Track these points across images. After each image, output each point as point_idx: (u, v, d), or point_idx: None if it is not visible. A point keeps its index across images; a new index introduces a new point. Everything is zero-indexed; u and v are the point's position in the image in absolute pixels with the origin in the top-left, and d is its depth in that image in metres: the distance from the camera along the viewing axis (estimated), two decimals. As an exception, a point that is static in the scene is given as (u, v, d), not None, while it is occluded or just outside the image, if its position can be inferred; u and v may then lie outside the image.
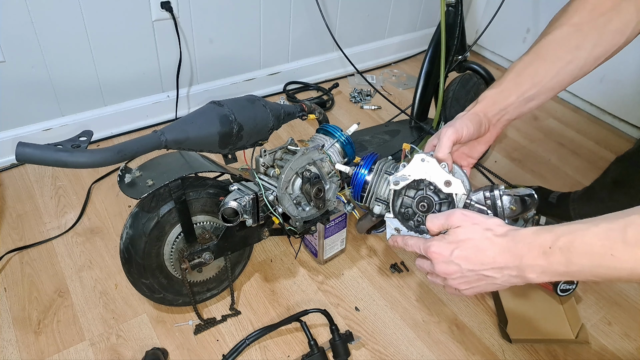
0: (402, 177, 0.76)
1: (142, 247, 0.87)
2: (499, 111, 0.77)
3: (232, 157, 0.92)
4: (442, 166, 0.74)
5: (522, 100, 0.76)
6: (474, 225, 0.66)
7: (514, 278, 0.62)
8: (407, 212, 0.79)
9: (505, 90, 0.77)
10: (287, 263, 1.15)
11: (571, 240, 0.55)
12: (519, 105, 0.77)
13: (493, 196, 0.74)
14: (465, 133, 0.74)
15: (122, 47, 1.36)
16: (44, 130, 1.37)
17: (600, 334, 1.04)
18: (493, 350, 1.00)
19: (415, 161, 0.75)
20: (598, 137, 1.66)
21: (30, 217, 1.21)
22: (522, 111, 0.78)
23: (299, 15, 1.65)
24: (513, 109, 0.77)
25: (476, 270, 0.65)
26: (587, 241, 0.54)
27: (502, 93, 0.77)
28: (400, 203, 0.79)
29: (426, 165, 0.75)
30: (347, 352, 0.95)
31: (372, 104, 1.75)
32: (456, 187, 0.75)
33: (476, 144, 0.81)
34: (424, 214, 0.78)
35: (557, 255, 0.56)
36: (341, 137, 1.00)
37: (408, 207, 0.79)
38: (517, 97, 0.76)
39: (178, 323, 1.00)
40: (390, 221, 0.78)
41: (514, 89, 0.76)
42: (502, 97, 0.77)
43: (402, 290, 1.10)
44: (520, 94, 0.76)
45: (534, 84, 0.75)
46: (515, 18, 1.92)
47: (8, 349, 0.94)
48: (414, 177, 0.76)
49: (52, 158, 0.66)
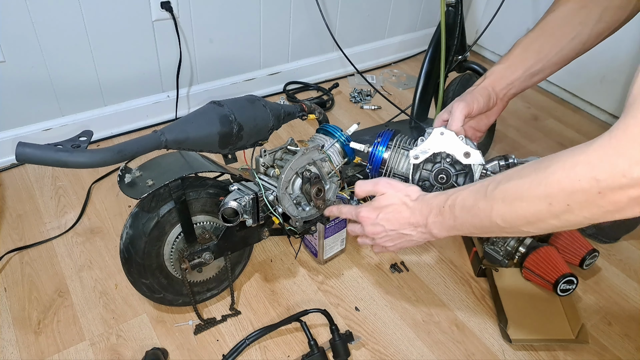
0: (422, 151, 0.80)
1: (142, 247, 0.87)
2: (506, 85, 0.82)
3: (232, 157, 0.92)
4: (459, 138, 0.77)
5: (527, 75, 0.81)
6: (396, 192, 0.76)
7: (425, 234, 0.73)
8: (424, 185, 0.83)
9: (512, 66, 0.82)
10: (287, 263, 1.15)
11: (454, 199, 0.66)
12: (524, 79, 0.82)
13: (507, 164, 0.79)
14: (475, 107, 0.79)
15: (122, 47, 1.36)
16: (44, 130, 1.37)
17: (600, 334, 1.04)
18: (493, 350, 1.00)
19: (435, 135, 0.80)
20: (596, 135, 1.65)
21: (30, 217, 1.21)
22: (527, 85, 0.83)
23: (299, 15, 1.65)
24: (519, 83, 0.82)
25: (396, 230, 0.75)
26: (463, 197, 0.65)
27: (509, 68, 0.82)
28: (418, 177, 0.82)
29: (445, 138, 0.79)
30: (347, 352, 0.95)
31: (372, 104, 1.75)
32: (475, 157, 0.79)
33: (483, 117, 0.86)
34: (441, 185, 0.81)
35: (447, 212, 0.67)
36: (341, 137, 1.00)
37: (426, 179, 0.83)
38: (523, 72, 0.81)
39: (178, 323, 1.00)
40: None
41: (520, 64, 0.81)
42: (510, 72, 0.82)
43: (402, 290, 1.10)
44: (526, 68, 0.81)
45: (539, 59, 0.80)
46: (515, 18, 1.91)
47: (8, 349, 0.94)
48: (434, 150, 0.80)
49: (52, 158, 0.66)
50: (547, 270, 1.05)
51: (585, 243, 1.12)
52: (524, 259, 1.09)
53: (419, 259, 1.18)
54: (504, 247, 1.08)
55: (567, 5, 0.79)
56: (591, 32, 0.77)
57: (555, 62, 0.80)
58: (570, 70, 1.77)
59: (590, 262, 1.12)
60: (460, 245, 1.23)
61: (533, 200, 0.54)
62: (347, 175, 1.08)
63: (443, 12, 1.19)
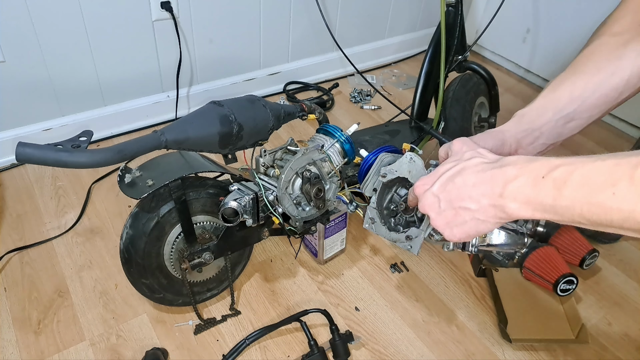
0: (390, 171, 0.79)
1: (142, 247, 0.87)
2: (532, 131, 0.67)
3: (232, 157, 0.92)
4: (428, 171, 0.73)
5: (559, 119, 0.66)
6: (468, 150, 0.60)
7: (494, 209, 0.54)
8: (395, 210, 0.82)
9: (540, 108, 0.67)
10: (287, 263, 1.15)
11: (570, 171, 0.47)
12: (556, 125, 0.67)
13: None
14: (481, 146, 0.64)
15: (122, 47, 1.36)
16: (44, 130, 1.37)
17: (600, 334, 1.04)
18: (493, 350, 1.00)
19: (405, 159, 0.77)
20: (598, 137, 1.66)
21: (30, 217, 1.21)
22: (560, 133, 0.68)
23: (299, 15, 1.65)
24: (549, 129, 0.67)
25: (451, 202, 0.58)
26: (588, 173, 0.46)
27: (535, 111, 0.68)
28: (389, 198, 0.81)
29: (412, 165, 0.76)
30: (347, 352, 0.95)
31: (372, 104, 1.75)
32: None
33: None
34: (404, 213, 0.80)
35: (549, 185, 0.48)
36: (341, 137, 1.00)
37: (395, 203, 0.82)
38: (553, 115, 0.66)
39: (178, 323, 1.00)
40: (370, 210, 0.81)
41: (549, 105, 0.67)
42: (536, 115, 0.67)
43: (402, 290, 1.10)
44: (556, 111, 0.66)
45: (573, 100, 0.66)
46: (515, 18, 1.92)
47: (8, 349, 0.94)
48: (399, 174, 0.78)
49: (52, 158, 0.66)
50: (547, 270, 1.05)
51: (585, 243, 1.12)
52: (524, 259, 1.09)
53: (419, 259, 1.18)
54: (504, 247, 1.08)
55: (602, 38, 0.67)
56: (633, 67, 0.64)
57: (594, 103, 0.65)
58: (570, 70, 1.77)
59: (590, 262, 1.12)
60: (460, 245, 1.22)
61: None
62: (347, 175, 1.08)
63: (443, 12, 1.19)
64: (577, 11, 1.72)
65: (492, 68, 2.03)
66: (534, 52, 1.92)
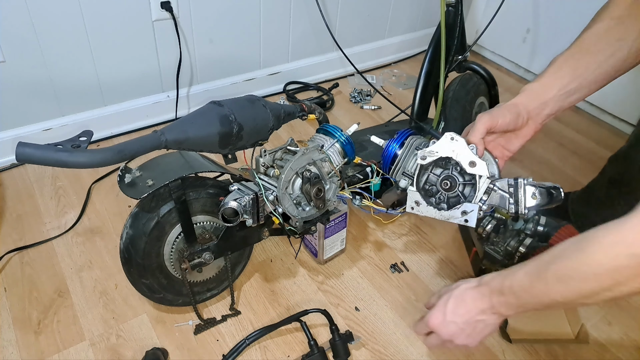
0: (430, 153, 0.79)
1: (142, 247, 0.87)
2: (540, 104, 0.77)
3: (232, 157, 0.92)
4: (470, 148, 0.75)
5: (563, 93, 0.76)
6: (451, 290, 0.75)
7: (494, 315, 0.70)
8: (430, 190, 0.82)
9: (547, 84, 0.77)
10: (287, 263, 1.15)
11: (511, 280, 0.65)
12: (559, 99, 0.76)
13: (516, 184, 0.78)
14: (500, 121, 0.75)
15: (122, 47, 1.36)
16: (44, 130, 1.37)
17: (600, 334, 1.04)
18: (493, 350, 1.00)
19: (445, 139, 0.78)
20: (598, 137, 1.66)
21: (30, 217, 1.21)
22: (562, 105, 0.77)
23: (299, 15, 1.65)
24: (553, 102, 0.77)
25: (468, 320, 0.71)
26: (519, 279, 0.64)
27: (543, 86, 0.77)
28: (425, 179, 0.82)
29: (454, 144, 0.77)
30: (347, 352, 0.95)
31: (372, 104, 1.75)
32: (480, 168, 0.78)
33: (513, 137, 0.82)
34: (446, 191, 0.80)
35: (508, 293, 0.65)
36: (341, 137, 1.00)
37: (433, 184, 0.82)
38: (558, 90, 0.76)
39: (178, 323, 1.00)
40: (412, 194, 0.81)
41: (554, 82, 0.76)
42: (543, 90, 0.77)
43: (402, 290, 1.10)
44: (561, 87, 0.76)
45: (575, 77, 0.75)
46: (515, 18, 1.92)
47: (8, 349, 0.94)
48: (441, 154, 0.79)
49: (52, 158, 0.66)
50: (547, 270, 1.05)
51: (585, 243, 1.12)
52: (524, 259, 1.08)
53: (419, 259, 1.18)
54: (504, 247, 1.08)
55: (604, 21, 0.76)
56: (630, 49, 0.73)
57: (593, 80, 0.75)
58: (570, 70, 1.77)
59: (590, 262, 1.12)
60: (460, 245, 1.23)
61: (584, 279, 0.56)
62: (347, 175, 1.08)
63: (443, 12, 1.19)
64: (577, 11, 1.72)
65: (492, 68, 2.03)
66: (534, 52, 1.92)
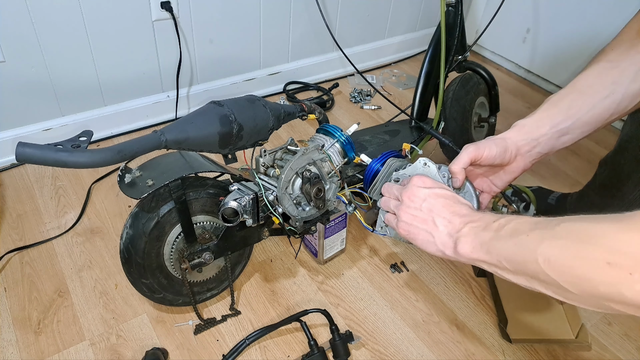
0: (403, 175, 0.79)
1: (142, 247, 0.87)
2: (530, 141, 0.75)
3: (232, 157, 0.92)
4: (441, 174, 0.75)
5: (555, 132, 0.74)
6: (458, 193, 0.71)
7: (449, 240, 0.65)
8: None
9: (539, 121, 0.75)
10: (287, 263, 1.15)
11: (509, 219, 0.60)
12: (551, 137, 0.75)
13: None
14: (486, 153, 0.73)
15: (122, 47, 1.36)
16: (44, 130, 1.37)
17: (600, 334, 1.04)
18: (493, 350, 1.00)
19: (418, 164, 0.78)
20: (598, 137, 1.66)
21: (30, 217, 1.21)
22: (554, 145, 0.75)
23: (299, 15, 1.65)
24: (545, 140, 0.75)
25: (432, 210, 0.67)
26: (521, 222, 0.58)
27: (534, 123, 0.75)
28: None
29: (426, 169, 0.77)
30: (347, 352, 0.95)
31: (372, 104, 1.75)
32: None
33: (501, 172, 0.80)
34: None
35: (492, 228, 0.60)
36: (341, 137, 1.00)
37: None
38: (550, 128, 0.74)
39: (178, 323, 1.00)
40: (382, 213, 0.81)
41: (547, 119, 0.75)
42: (534, 126, 0.75)
43: (402, 290, 1.10)
44: (553, 125, 0.74)
45: (568, 117, 0.74)
46: (515, 18, 1.92)
47: (8, 349, 0.94)
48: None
49: (52, 158, 0.66)
50: (547, 270, 1.05)
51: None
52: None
53: (419, 259, 1.18)
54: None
55: (600, 64, 0.75)
56: (625, 92, 0.72)
57: (587, 121, 0.74)
58: (570, 70, 1.78)
59: (590, 262, 1.12)
60: (460, 245, 1.22)
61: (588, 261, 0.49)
62: (347, 175, 1.08)
63: (443, 12, 1.19)
64: (577, 11, 1.72)
65: (492, 68, 2.03)
66: (534, 52, 1.92)
